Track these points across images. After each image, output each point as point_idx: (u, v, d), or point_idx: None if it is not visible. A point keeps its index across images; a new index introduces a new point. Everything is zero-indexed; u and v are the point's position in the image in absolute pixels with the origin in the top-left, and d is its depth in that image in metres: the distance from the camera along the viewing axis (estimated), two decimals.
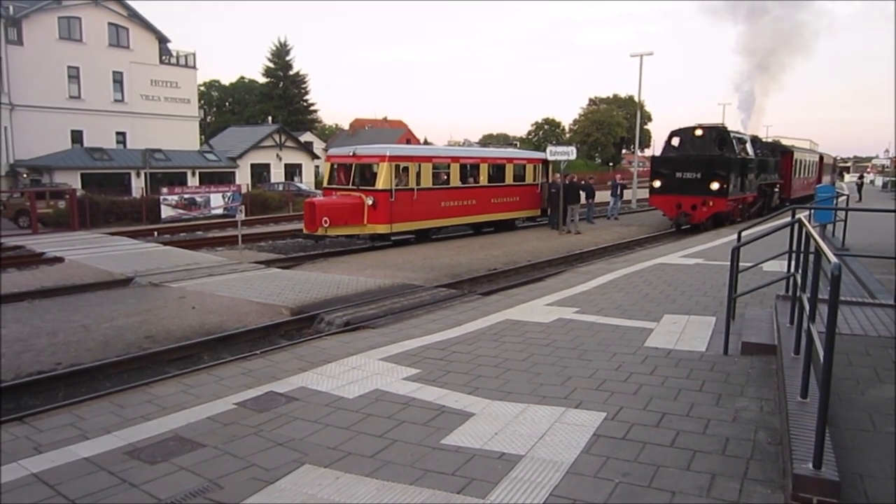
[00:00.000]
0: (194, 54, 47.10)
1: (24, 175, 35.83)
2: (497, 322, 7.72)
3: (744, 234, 7.23)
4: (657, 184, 21.28)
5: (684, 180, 20.42)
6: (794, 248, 6.45)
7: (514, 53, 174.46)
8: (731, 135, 20.98)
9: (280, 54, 69.16)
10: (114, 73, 41.54)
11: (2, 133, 36.36)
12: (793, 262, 6.63)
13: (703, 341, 6.66)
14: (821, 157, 36.94)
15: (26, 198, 25.52)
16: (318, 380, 5.61)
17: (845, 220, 13.89)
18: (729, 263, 6.36)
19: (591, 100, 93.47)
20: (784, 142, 41.52)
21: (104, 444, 4.28)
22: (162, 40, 44.54)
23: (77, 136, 39.60)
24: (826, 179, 38.34)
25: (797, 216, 6.42)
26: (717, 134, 20.96)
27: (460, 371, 5.79)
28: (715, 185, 19.74)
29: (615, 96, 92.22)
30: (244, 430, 4.51)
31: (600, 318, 7.78)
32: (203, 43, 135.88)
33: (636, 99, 47.89)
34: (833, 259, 3.34)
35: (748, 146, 22.40)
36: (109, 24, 41.39)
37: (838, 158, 63.26)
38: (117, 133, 41.68)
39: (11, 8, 37.45)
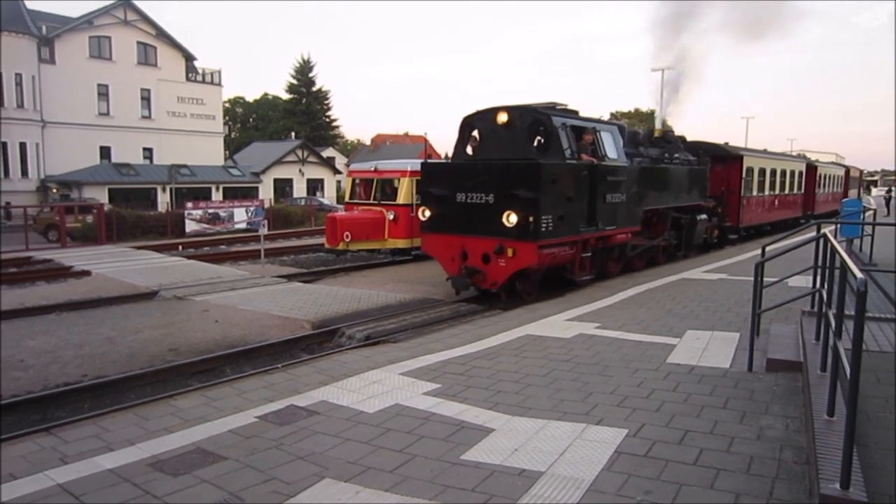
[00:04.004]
0: (220, 71, 48.14)
1: (54, 190, 36.73)
2: (518, 337, 7.70)
3: (768, 248, 7.14)
4: (425, 214, 11.79)
5: (470, 207, 10.90)
6: (820, 263, 6.36)
7: (535, 69, 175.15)
8: (560, 122, 11.09)
9: (303, 71, 70.24)
10: (142, 90, 42.66)
11: (34, 149, 37.39)
12: (818, 278, 6.53)
13: (727, 357, 6.57)
14: (810, 167, 27.22)
15: (56, 212, 26.15)
16: (339, 394, 5.63)
17: (872, 235, 13.63)
18: (753, 279, 6.28)
19: (612, 114, 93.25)
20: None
21: (128, 456, 4.34)
22: (189, 58, 45.61)
23: (105, 152, 40.63)
24: (826, 198, 29.95)
25: (822, 231, 6.33)
26: (532, 121, 11.17)
27: (481, 386, 5.78)
28: (512, 219, 10.26)
29: (636, 110, 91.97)
30: (265, 444, 4.54)
31: (622, 334, 7.71)
32: (228, 60, 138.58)
33: (657, 113, 47.75)
34: (859, 274, 3.29)
35: (608, 143, 12.20)
36: (138, 42, 42.55)
37: (865, 172, 57.87)
38: (144, 149, 42.71)
39: (45, 28, 38.67)
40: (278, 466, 4.16)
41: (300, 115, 69.63)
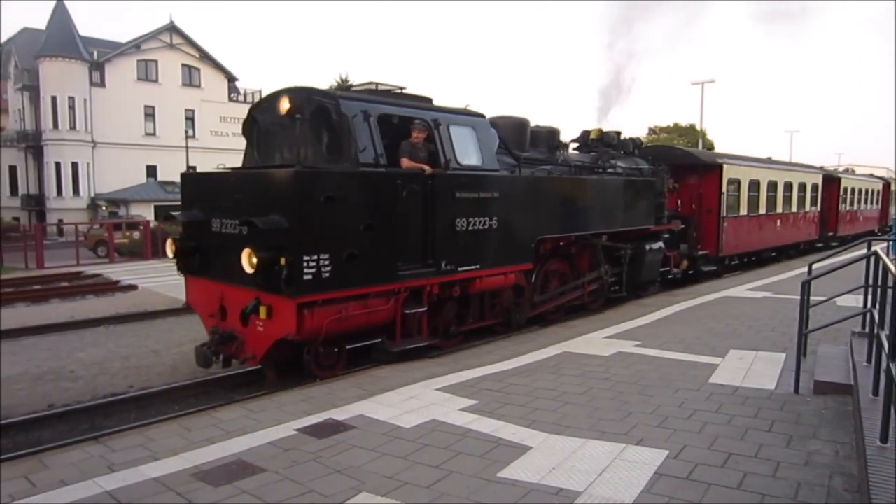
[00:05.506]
0: (261, 92, 49.36)
1: (103, 207, 38.12)
2: (555, 354, 7.63)
3: (815, 266, 6.95)
4: (172, 249, 8.12)
5: (225, 240, 7.19)
6: (871, 282, 6.16)
7: (573, 82, 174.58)
8: (358, 109, 7.08)
9: (341, 89, 71.65)
10: (186, 110, 44.10)
11: (85, 168, 38.94)
12: (869, 297, 6.32)
13: (773, 379, 6.38)
14: (829, 179, 23.27)
15: (105, 229, 27.09)
16: (376, 408, 5.66)
17: None
18: (799, 297, 6.12)
19: (650, 129, 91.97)
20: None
21: (172, 466, 4.44)
22: (231, 79, 47.00)
23: (151, 171, 42.09)
24: (855, 216, 25.92)
25: (873, 248, 6.14)
26: (316, 108, 7.28)
27: (517, 403, 5.74)
28: (253, 260, 6.36)
29: (675, 125, 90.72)
30: (304, 456, 4.59)
31: (662, 352, 7.57)
32: (269, 80, 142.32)
33: (697, 127, 47.03)
34: None
35: (463, 143, 8.25)
36: (183, 65, 44.10)
37: None
38: (188, 167, 43.97)
39: (96, 53, 40.44)
40: (316, 479, 4.20)
41: None
